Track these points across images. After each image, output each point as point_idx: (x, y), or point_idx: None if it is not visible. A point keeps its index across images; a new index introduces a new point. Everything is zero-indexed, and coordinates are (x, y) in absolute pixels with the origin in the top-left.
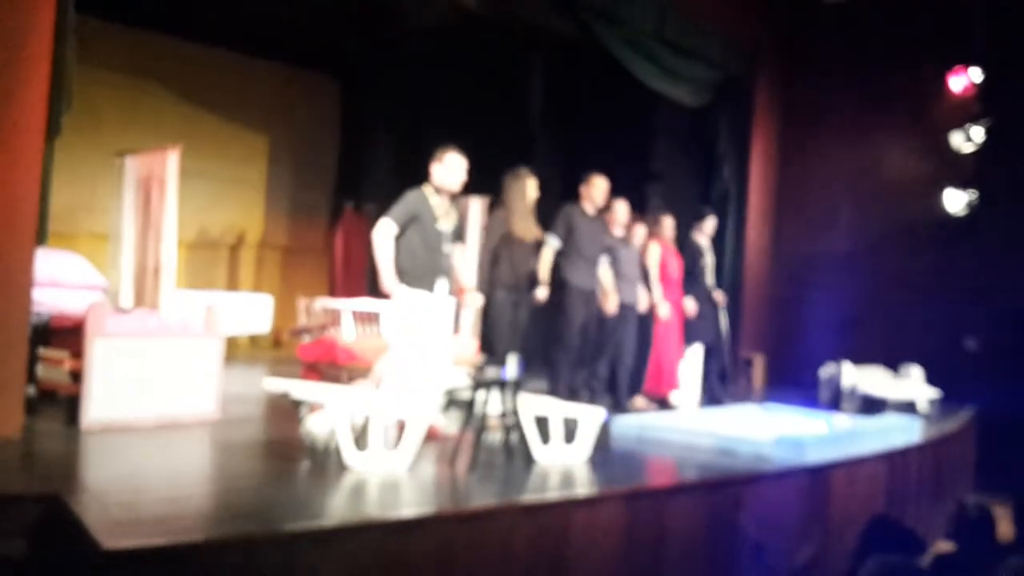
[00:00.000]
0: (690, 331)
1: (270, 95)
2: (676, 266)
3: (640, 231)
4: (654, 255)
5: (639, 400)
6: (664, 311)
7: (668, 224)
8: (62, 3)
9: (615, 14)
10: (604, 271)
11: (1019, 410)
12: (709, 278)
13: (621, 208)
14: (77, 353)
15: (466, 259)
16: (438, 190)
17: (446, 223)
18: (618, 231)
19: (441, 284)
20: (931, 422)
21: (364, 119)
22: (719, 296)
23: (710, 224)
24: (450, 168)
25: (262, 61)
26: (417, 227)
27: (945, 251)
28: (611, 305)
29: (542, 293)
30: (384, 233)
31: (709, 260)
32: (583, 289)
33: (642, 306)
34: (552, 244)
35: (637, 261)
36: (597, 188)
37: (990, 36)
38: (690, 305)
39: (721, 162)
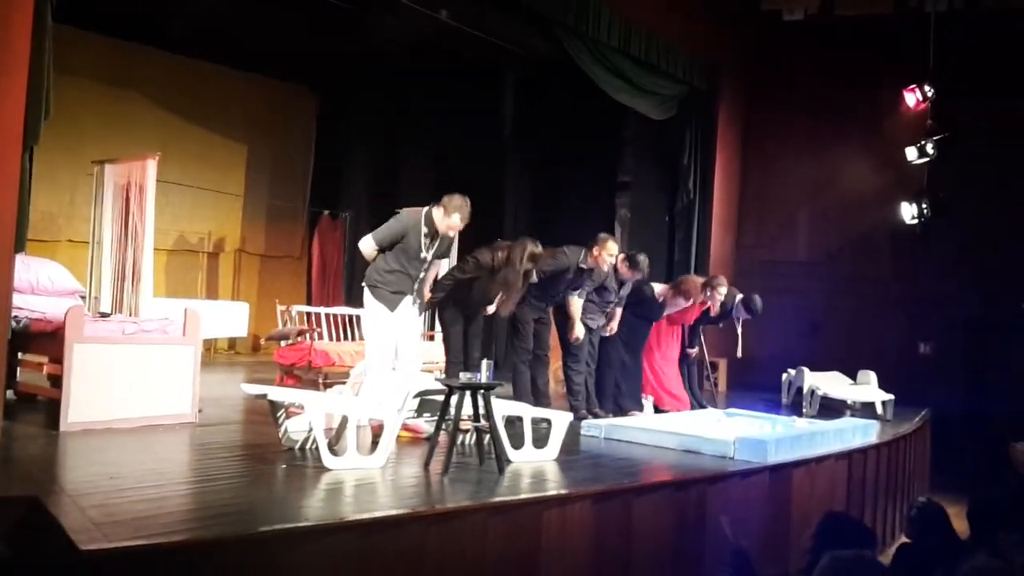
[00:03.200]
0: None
1: (249, 106)
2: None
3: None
4: (682, 305)
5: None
6: (579, 330)
7: (721, 292)
8: (40, 12)
9: (583, 30)
10: (575, 300)
11: (971, 411)
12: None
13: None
14: (56, 358)
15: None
16: (430, 220)
17: (430, 251)
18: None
19: (407, 300)
20: (888, 424)
21: (340, 130)
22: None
23: (720, 293)
24: (445, 222)
25: (241, 72)
26: (403, 247)
27: (900, 260)
28: (577, 331)
29: (490, 307)
30: (367, 247)
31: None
32: (535, 305)
33: (608, 330)
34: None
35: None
36: (608, 252)
37: (940, 54)
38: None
39: (686, 174)
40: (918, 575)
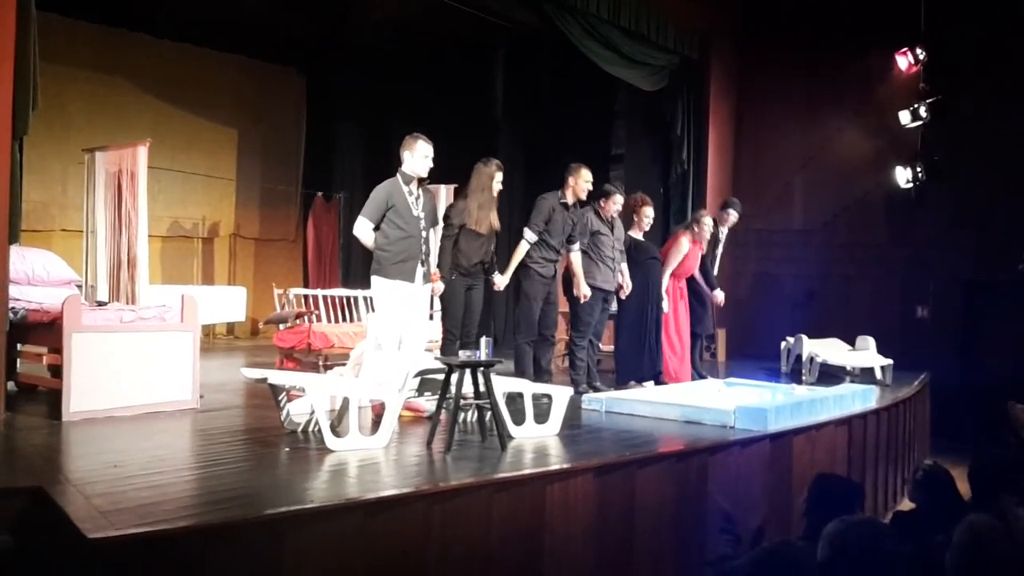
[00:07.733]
0: (696, 319)
1: (238, 89)
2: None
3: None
4: (682, 250)
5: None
6: (665, 304)
7: (708, 224)
8: (24, 1)
9: (572, 2)
10: (575, 256)
11: (969, 375)
12: (715, 268)
13: (617, 199)
14: (55, 348)
15: (436, 244)
16: (408, 178)
17: (419, 208)
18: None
19: (420, 269)
20: (887, 389)
21: (330, 111)
22: (718, 293)
23: (733, 217)
24: (419, 154)
25: (229, 55)
26: (394, 215)
27: (895, 225)
28: (583, 289)
29: (502, 282)
30: (362, 230)
31: (720, 251)
32: (544, 276)
33: (624, 291)
34: (529, 239)
35: (621, 247)
36: (584, 179)
37: (932, 15)
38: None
39: (679, 145)
40: (919, 537)
